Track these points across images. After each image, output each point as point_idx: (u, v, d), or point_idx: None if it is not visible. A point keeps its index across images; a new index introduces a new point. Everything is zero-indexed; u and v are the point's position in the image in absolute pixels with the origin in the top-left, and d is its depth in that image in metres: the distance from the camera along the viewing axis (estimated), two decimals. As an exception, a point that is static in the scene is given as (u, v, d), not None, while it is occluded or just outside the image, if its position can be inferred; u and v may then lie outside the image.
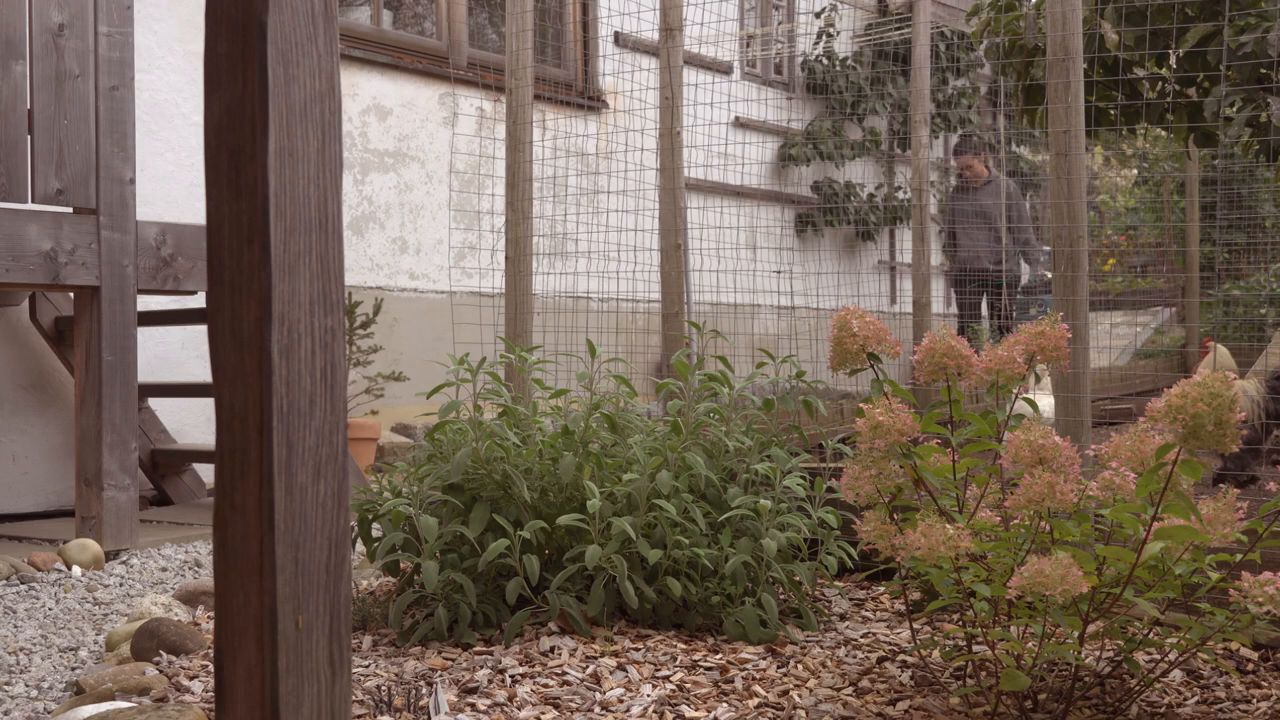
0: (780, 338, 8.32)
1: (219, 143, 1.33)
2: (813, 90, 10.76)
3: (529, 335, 4.63)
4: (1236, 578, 2.29)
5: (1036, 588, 2.17)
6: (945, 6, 11.44)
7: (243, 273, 1.31)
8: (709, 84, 7.75)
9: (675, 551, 3.09)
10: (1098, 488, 2.28)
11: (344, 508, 1.39)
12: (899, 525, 2.47)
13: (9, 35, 4.27)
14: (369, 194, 7.14)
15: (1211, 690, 2.67)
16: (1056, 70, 3.48)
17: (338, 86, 1.39)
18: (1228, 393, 2.14)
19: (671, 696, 2.61)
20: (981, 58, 10.51)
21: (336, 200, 1.38)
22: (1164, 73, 5.35)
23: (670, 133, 4.74)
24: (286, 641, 1.31)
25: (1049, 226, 3.64)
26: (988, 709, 2.51)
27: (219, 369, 1.34)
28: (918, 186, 7.13)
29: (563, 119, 7.68)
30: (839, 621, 3.30)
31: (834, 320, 2.60)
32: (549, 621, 3.08)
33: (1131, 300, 14.21)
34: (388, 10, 7.80)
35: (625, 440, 3.40)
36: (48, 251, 4.29)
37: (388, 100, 7.27)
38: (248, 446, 1.31)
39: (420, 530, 3.08)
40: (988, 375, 2.53)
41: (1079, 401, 3.42)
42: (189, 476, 5.67)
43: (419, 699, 2.59)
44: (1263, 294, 10.94)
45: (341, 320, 1.38)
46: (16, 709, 2.79)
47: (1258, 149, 5.31)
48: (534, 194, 4.84)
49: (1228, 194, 10.70)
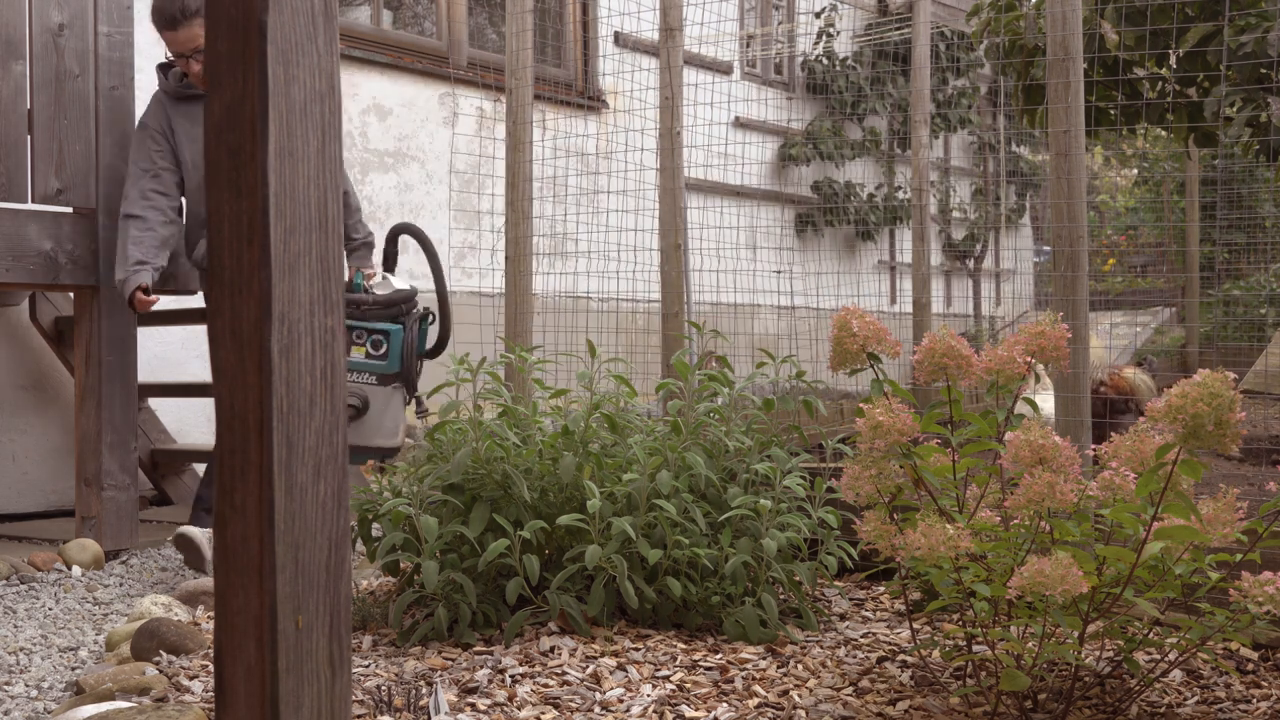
0: (780, 338, 8.32)
1: (219, 143, 1.33)
2: (813, 90, 10.76)
3: (529, 335, 4.63)
4: (1236, 578, 2.29)
5: (1036, 588, 2.17)
6: (945, 6, 11.44)
7: (243, 273, 1.31)
8: (709, 84, 7.75)
9: (675, 551, 3.09)
10: (1098, 488, 2.28)
11: (344, 508, 1.39)
12: (899, 525, 2.47)
13: (9, 35, 4.27)
14: (369, 194, 7.14)
15: (1211, 690, 2.67)
16: (1056, 70, 3.48)
17: (338, 86, 1.39)
18: (1228, 393, 2.14)
19: (671, 696, 2.61)
20: (981, 58, 10.51)
21: (336, 200, 1.38)
22: (1164, 73, 5.36)
23: (670, 133, 4.74)
24: (286, 641, 1.31)
25: (1049, 226, 3.64)
26: (988, 709, 2.51)
27: (219, 369, 1.34)
28: (918, 186, 7.13)
29: (563, 119, 7.68)
30: (839, 621, 3.30)
31: (834, 320, 2.60)
32: (549, 621, 3.08)
33: (1131, 300, 14.21)
34: (388, 10, 7.80)
35: (625, 440, 3.40)
36: (48, 251, 4.29)
37: (388, 100, 7.27)
38: (248, 446, 1.31)
39: (420, 530, 3.08)
40: (988, 375, 2.53)
41: (1079, 401, 3.42)
42: (189, 476, 5.67)
43: (419, 699, 2.59)
44: (1263, 294, 10.95)
45: (341, 320, 1.38)
46: (16, 709, 2.79)
47: (1258, 149, 5.31)
48: (534, 194, 4.84)
49: (1228, 194, 10.70)
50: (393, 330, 3.91)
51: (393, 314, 3.94)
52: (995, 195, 12.79)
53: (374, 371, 3.90)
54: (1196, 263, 10.91)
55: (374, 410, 3.87)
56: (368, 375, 3.90)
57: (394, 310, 3.95)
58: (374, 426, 3.88)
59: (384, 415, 3.89)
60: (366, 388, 3.88)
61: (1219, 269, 11.97)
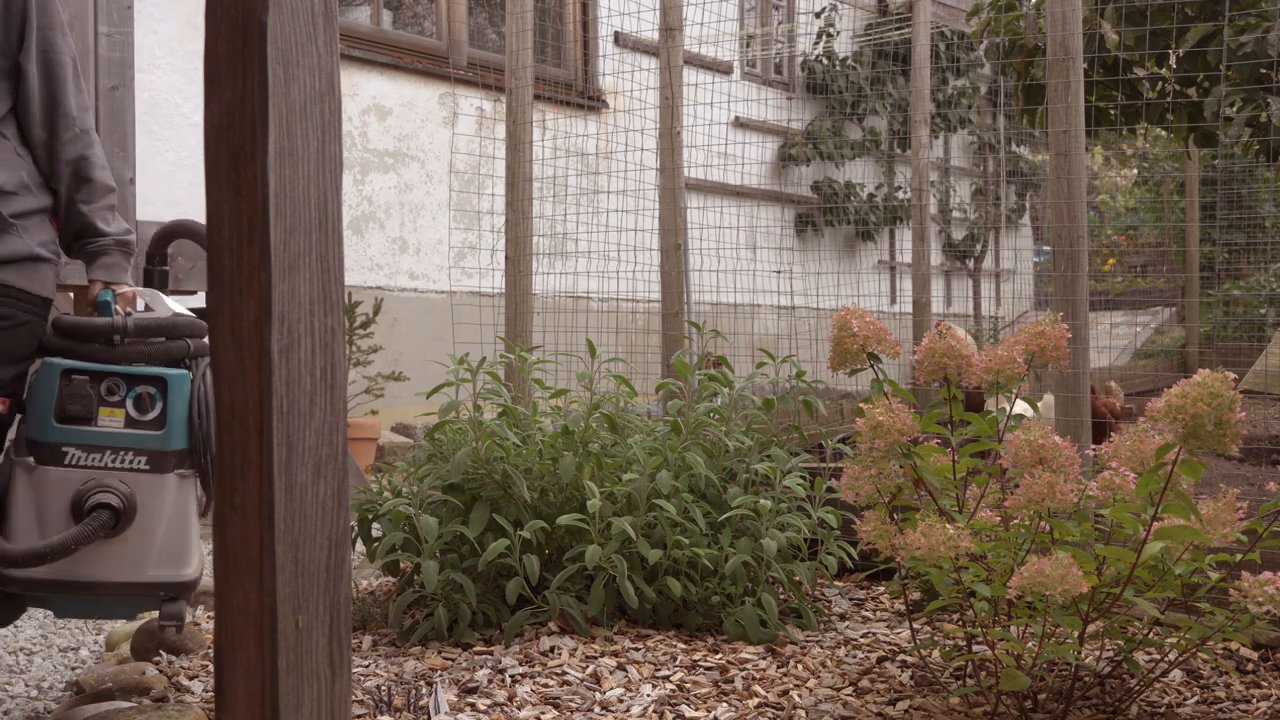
0: (780, 338, 8.32)
1: (219, 143, 1.33)
2: (813, 90, 10.76)
3: (529, 335, 4.63)
4: (1236, 578, 2.29)
5: (1036, 588, 2.17)
6: (945, 6, 11.44)
7: (243, 273, 1.31)
8: (709, 84, 7.75)
9: (675, 551, 3.09)
10: (1098, 488, 2.28)
11: (344, 508, 1.39)
12: (899, 525, 2.47)
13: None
14: (369, 194, 7.14)
15: (1211, 690, 2.67)
16: (1056, 70, 3.48)
17: (338, 86, 1.39)
18: (1228, 393, 2.14)
19: (671, 696, 2.61)
20: (981, 58, 10.51)
21: (336, 200, 1.38)
22: (1164, 73, 5.35)
23: (670, 133, 4.74)
24: (286, 641, 1.31)
25: (1049, 226, 3.64)
26: (988, 709, 2.51)
27: (219, 369, 1.34)
28: (918, 186, 7.13)
29: (563, 119, 7.68)
30: (839, 621, 3.30)
31: (834, 320, 2.60)
32: (549, 621, 3.08)
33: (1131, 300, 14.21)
34: (388, 10, 7.80)
35: (625, 440, 3.40)
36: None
37: (388, 100, 7.27)
38: (248, 446, 1.31)
39: (420, 530, 3.08)
40: (988, 375, 2.53)
41: (1079, 401, 3.42)
42: (189, 476, 5.65)
43: (419, 699, 2.59)
44: (1263, 294, 10.94)
45: (341, 320, 1.38)
46: (17, 709, 2.79)
47: (1258, 149, 5.31)
48: (534, 194, 4.84)
49: (1228, 194, 10.70)
50: (172, 379, 2.41)
51: (170, 352, 2.44)
52: (995, 195, 12.79)
53: (142, 449, 2.37)
54: (1196, 263, 10.91)
55: (145, 518, 2.35)
56: (130, 455, 2.36)
57: (173, 347, 2.46)
58: (144, 548, 2.36)
59: (161, 525, 2.37)
60: (131, 477, 2.35)
61: (1219, 269, 11.96)
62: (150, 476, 2.36)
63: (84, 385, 2.35)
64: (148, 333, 2.44)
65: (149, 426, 2.37)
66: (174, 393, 2.39)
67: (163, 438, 2.37)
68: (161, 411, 2.38)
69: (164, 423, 2.38)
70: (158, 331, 2.45)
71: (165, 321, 2.46)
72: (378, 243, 7.18)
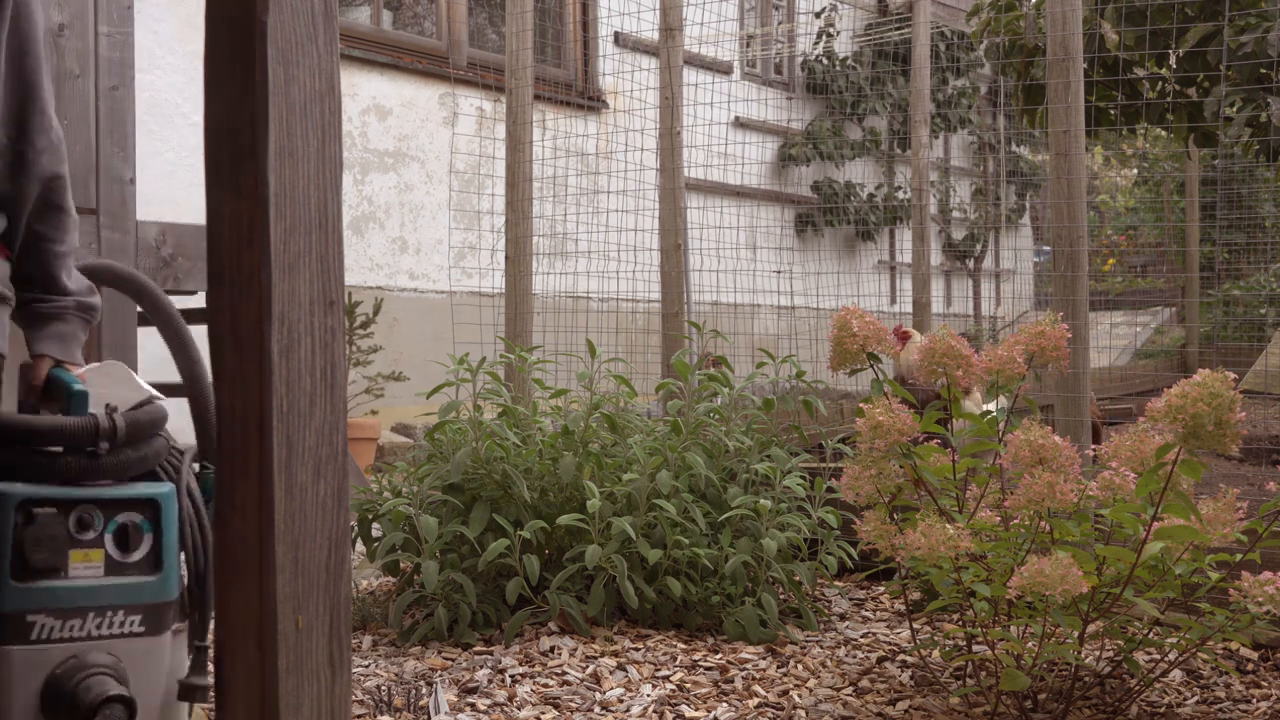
0: (780, 338, 8.32)
1: (219, 143, 1.33)
2: (813, 90, 10.76)
3: (529, 335, 4.63)
4: (1236, 578, 2.30)
5: (1036, 588, 2.17)
6: (945, 6, 11.44)
7: (243, 273, 1.31)
8: (709, 84, 7.75)
9: (675, 551, 3.09)
10: (1098, 488, 2.28)
11: (344, 508, 1.39)
12: (899, 525, 2.47)
13: (9, 35, 4.27)
14: (369, 194, 7.14)
15: (1211, 690, 2.67)
16: (1056, 70, 3.48)
17: (338, 86, 1.39)
18: (1228, 393, 2.14)
19: (671, 696, 2.61)
20: (981, 58, 10.51)
21: (336, 200, 1.37)
22: (1164, 73, 5.35)
23: (670, 133, 4.74)
24: (286, 641, 1.31)
25: (1049, 226, 3.64)
26: (988, 709, 2.51)
27: (219, 369, 1.34)
28: (918, 186, 7.13)
29: (563, 119, 7.68)
30: (839, 621, 3.29)
31: (834, 320, 2.61)
32: (549, 621, 3.08)
33: (1131, 300, 14.20)
34: (388, 10, 7.80)
35: (625, 440, 3.40)
36: (48, 251, 4.28)
37: (388, 100, 7.27)
38: (248, 446, 1.31)
39: (420, 530, 3.07)
40: (988, 375, 2.53)
41: (1079, 401, 3.42)
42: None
43: (419, 699, 2.59)
44: (1263, 294, 10.94)
45: (341, 320, 1.38)
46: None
47: (1258, 149, 5.31)
48: (534, 194, 4.84)
49: (1228, 194, 10.70)
50: (163, 498, 1.74)
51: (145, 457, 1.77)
52: (995, 195, 12.79)
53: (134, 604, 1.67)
54: (1196, 263, 10.90)
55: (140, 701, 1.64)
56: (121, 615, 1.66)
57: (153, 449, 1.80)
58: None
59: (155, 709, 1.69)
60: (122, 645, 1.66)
61: (1219, 269, 11.96)
62: (145, 642, 1.67)
63: (51, 522, 1.61)
64: (141, 435, 1.75)
65: (138, 570, 1.67)
66: (167, 518, 1.72)
67: (159, 585, 1.69)
68: (153, 546, 1.69)
69: (159, 562, 1.69)
70: (151, 431, 1.78)
71: (158, 413, 1.82)
72: (378, 243, 7.18)
